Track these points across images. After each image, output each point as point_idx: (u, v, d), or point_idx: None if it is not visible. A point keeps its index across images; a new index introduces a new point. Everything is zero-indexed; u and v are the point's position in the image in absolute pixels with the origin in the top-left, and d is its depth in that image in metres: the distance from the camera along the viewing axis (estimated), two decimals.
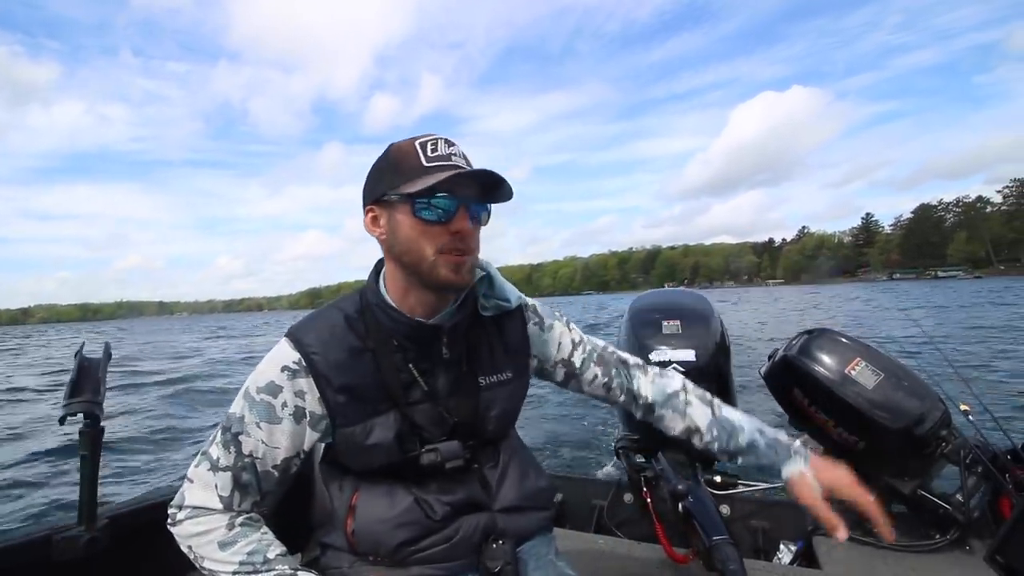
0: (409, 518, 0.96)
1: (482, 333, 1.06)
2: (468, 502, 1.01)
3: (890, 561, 1.70)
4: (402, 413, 0.96)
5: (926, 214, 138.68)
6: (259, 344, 24.54)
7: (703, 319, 2.13)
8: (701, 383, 1.98)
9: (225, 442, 0.93)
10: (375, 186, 0.94)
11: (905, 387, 1.74)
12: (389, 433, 0.95)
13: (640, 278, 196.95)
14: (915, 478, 1.77)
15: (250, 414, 0.93)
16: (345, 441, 0.96)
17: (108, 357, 1.34)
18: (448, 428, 0.99)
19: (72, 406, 1.24)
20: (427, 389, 0.99)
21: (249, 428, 0.92)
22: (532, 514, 1.09)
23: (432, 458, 0.97)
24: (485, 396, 1.04)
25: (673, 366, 1.99)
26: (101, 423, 1.29)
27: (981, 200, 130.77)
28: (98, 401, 1.27)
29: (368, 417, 0.95)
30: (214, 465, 0.93)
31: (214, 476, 0.92)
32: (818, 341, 1.93)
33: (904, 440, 1.70)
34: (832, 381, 1.80)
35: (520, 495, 1.07)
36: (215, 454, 0.93)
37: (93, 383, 1.27)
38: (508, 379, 1.08)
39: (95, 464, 1.28)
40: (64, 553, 1.26)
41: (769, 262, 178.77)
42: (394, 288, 0.98)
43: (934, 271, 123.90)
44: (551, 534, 1.17)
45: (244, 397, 0.94)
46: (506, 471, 1.08)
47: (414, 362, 0.98)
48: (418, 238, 0.90)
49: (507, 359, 1.09)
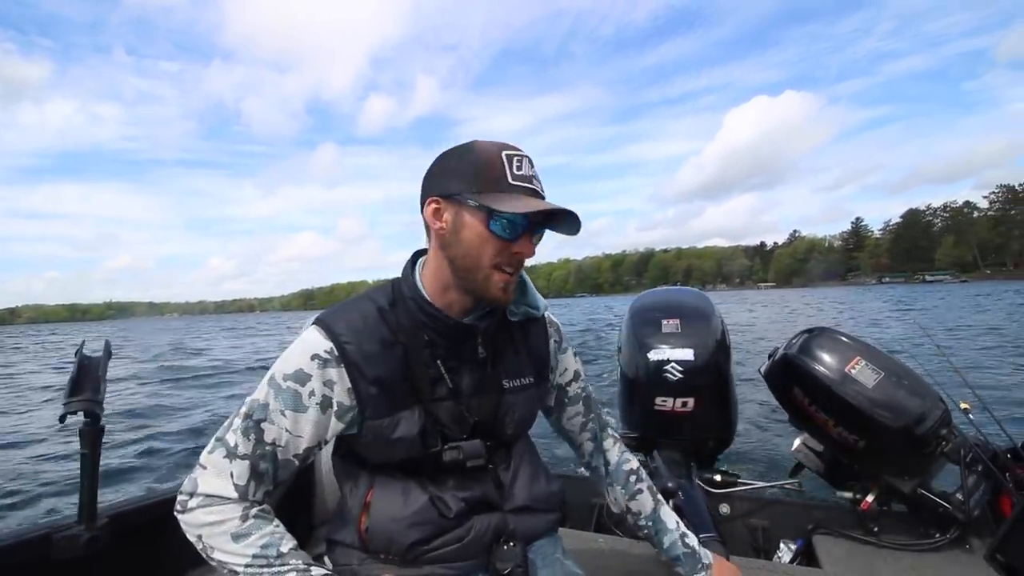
0: (423, 517, 0.96)
1: (508, 337, 1.08)
2: (482, 501, 1.02)
3: (890, 560, 1.70)
4: (426, 409, 0.96)
5: (915, 219, 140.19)
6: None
7: (703, 318, 2.14)
8: (699, 381, 2.01)
9: (245, 429, 0.91)
10: (447, 181, 0.93)
11: (905, 386, 1.74)
12: (414, 428, 0.95)
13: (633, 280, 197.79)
14: (915, 477, 1.77)
15: (275, 401, 0.91)
16: (371, 433, 0.95)
17: (109, 355, 1.34)
18: (468, 427, 1.00)
19: (72, 404, 1.23)
20: (452, 387, 0.99)
21: (273, 416, 0.91)
22: (542, 516, 1.10)
23: (454, 455, 0.97)
24: (507, 399, 1.05)
25: (672, 364, 1.99)
26: (101, 422, 1.28)
27: (968, 205, 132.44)
28: (98, 400, 1.26)
29: (396, 411, 0.95)
30: (231, 452, 0.90)
31: (230, 464, 0.90)
32: (818, 340, 1.93)
33: (904, 439, 1.71)
34: (832, 380, 1.80)
35: (531, 496, 1.07)
36: (233, 441, 0.90)
37: (93, 382, 1.27)
38: (530, 384, 1.09)
39: (95, 462, 1.28)
40: (64, 552, 1.25)
41: (761, 265, 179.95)
42: (433, 282, 0.98)
43: (922, 275, 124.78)
44: (557, 534, 1.18)
45: (269, 384, 0.92)
46: (518, 472, 1.08)
47: (442, 359, 0.98)
48: (481, 247, 0.91)
49: (530, 364, 1.10)
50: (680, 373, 1.98)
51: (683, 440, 2.13)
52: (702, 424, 2.06)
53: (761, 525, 2.10)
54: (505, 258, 0.92)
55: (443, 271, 0.96)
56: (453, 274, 0.95)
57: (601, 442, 1.27)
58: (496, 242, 0.91)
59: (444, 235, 0.94)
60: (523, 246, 0.92)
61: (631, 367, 2.12)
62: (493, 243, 0.91)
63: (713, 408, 2.07)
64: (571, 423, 1.25)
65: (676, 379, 1.98)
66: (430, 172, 0.97)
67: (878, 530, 1.82)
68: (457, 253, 0.93)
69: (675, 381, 1.99)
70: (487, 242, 0.91)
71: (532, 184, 0.91)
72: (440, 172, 0.95)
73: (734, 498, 2.18)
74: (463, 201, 0.91)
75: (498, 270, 0.92)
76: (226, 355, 19.16)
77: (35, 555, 1.23)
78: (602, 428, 1.28)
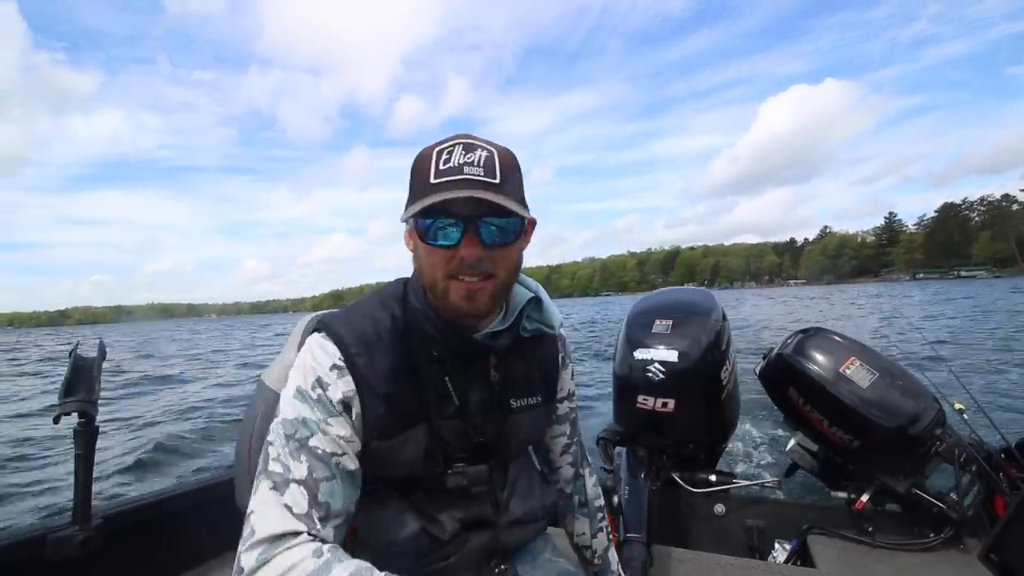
0: (415, 545, 0.91)
1: (519, 354, 1.01)
2: (478, 520, 0.97)
3: (885, 560, 1.69)
4: (432, 427, 0.90)
5: (950, 213, 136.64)
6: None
7: (699, 318, 2.12)
8: (682, 382, 2.00)
9: (293, 451, 0.79)
10: (407, 202, 0.85)
11: (900, 386, 1.74)
12: (419, 448, 0.89)
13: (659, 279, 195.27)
14: (910, 477, 1.76)
15: (313, 413, 0.82)
16: (375, 453, 0.87)
17: (102, 356, 1.33)
18: (471, 447, 0.94)
19: (66, 405, 1.23)
20: (459, 404, 0.93)
21: (319, 427, 0.81)
22: (531, 526, 1.08)
23: (459, 481, 0.92)
24: (514, 418, 0.99)
25: (655, 364, 1.99)
26: (95, 422, 1.28)
27: (1007, 198, 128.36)
28: (92, 400, 1.26)
29: (402, 430, 0.88)
30: (282, 482, 0.77)
31: (282, 495, 0.76)
32: (813, 340, 1.93)
33: (899, 439, 1.70)
34: (826, 380, 1.80)
35: (524, 511, 1.04)
36: (279, 469, 0.78)
37: (87, 382, 1.26)
38: (538, 403, 1.04)
39: (89, 463, 1.28)
40: (58, 553, 1.25)
41: (791, 262, 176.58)
42: None
43: (957, 271, 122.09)
44: (547, 533, 1.17)
45: (299, 398, 0.83)
46: (515, 487, 1.04)
47: (451, 375, 0.92)
48: (428, 260, 0.84)
49: (540, 383, 1.05)
50: (662, 374, 1.98)
51: (663, 440, 2.13)
52: (685, 425, 2.04)
53: (756, 525, 2.09)
54: (455, 268, 0.82)
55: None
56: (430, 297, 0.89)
57: (582, 472, 1.23)
58: (439, 251, 0.82)
59: (414, 260, 0.90)
60: (465, 249, 0.81)
61: (622, 365, 2.13)
62: (437, 253, 0.83)
63: (699, 410, 2.06)
64: (554, 442, 1.19)
65: (658, 379, 1.98)
66: None
67: (873, 530, 1.81)
68: (418, 274, 0.89)
69: (657, 381, 1.98)
70: (431, 254, 0.83)
71: (464, 172, 0.79)
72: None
73: (729, 498, 2.18)
74: (408, 220, 0.84)
75: (455, 279, 0.83)
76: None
77: (29, 556, 1.24)
78: (584, 461, 1.24)
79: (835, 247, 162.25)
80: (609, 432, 2.21)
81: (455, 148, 0.81)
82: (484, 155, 0.81)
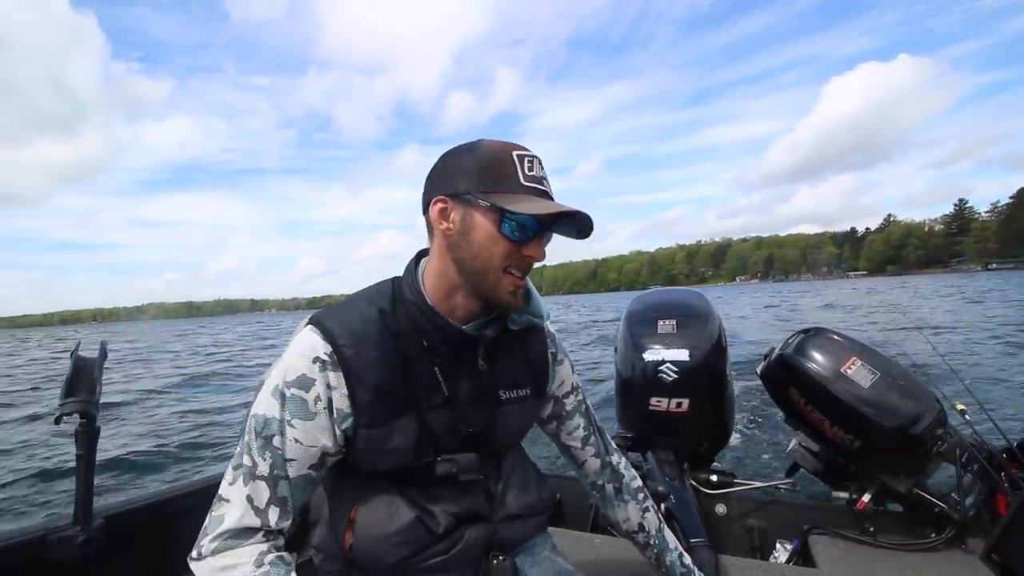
0: (410, 535, 0.93)
1: (507, 346, 1.04)
2: (472, 513, 0.99)
3: (886, 560, 1.70)
4: (421, 418, 0.93)
5: None
6: None
7: (700, 319, 2.14)
8: (694, 382, 2.01)
9: (261, 447, 0.85)
10: (455, 180, 0.89)
11: (901, 386, 1.74)
12: (408, 438, 0.92)
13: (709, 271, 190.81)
14: (911, 477, 1.76)
15: (283, 411, 0.86)
16: (365, 442, 0.90)
17: (104, 356, 1.33)
18: (461, 437, 0.96)
19: (68, 406, 1.23)
20: (448, 395, 0.95)
21: (284, 427, 0.86)
22: (530, 520, 1.09)
23: (447, 468, 0.94)
24: (503, 410, 1.02)
25: (667, 364, 2.00)
26: (97, 423, 1.28)
27: None
28: (94, 401, 1.26)
29: (391, 419, 0.90)
30: (248, 474, 0.85)
31: (248, 487, 0.85)
32: (814, 340, 1.93)
33: (900, 439, 1.70)
34: (828, 380, 1.80)
35: (521, 506, 1.05)
36: (249, 462, 0.86)
37: (89, 383, 1.27)
38: (526, 395, 1.06)
39: (90, 464, 1.28)
40: (59, 553, 1.25)
41: (851, 253, 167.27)
42: (437, 286, 0.94)
43: None
44: (547, 532, 1.18)
45: (273, 395, 0.87)
46: (509, 482, 1.06)
47: (440, 366, 0.95)
48: (491, 248, 0.88)
49: (528, 375, 1.07)
50: (675, 374, 1.99)
51: (678, 441, 2.14)
52: (697, 425, 2.07)
53: (757, 525, 2.09)
54: (515, 261, 0.89)
55: (449, 274, 0.92)
56: (461, 277, 0.91)
57: (609, 459, 1.23)
58: (506, 244, 0.87)
59: (451, 236, 0.90)
60: (533, 249, 0.90)
61: (626, 367, 2.13)
62: (503, 245, 0.87)
63: (709, 409, 2.08)
64: (571, 438, 1.20)
65: (671, 380, 1.99)
66: (435, 170, 0.93)
67: (874, 530, 1.81)
68: (466, 255, 0.89)
69: (670, 382, 1.99)
70: (497, 244, 0.87)
71: (543, 185, 0.89)
72: (447, 170, 0.91)
73: (730, 498, 2.18)
74: (473, 201, 0.87)
75: (508, 273, 0.89)
76: None
77: (30, 556, 1.24)
78: (607, 447, 1.24)
79: (899, 237, 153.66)
80: (619, 439, 2.20)
81: (534, 161, 0.89)
82: (547, 175, 0.92)
